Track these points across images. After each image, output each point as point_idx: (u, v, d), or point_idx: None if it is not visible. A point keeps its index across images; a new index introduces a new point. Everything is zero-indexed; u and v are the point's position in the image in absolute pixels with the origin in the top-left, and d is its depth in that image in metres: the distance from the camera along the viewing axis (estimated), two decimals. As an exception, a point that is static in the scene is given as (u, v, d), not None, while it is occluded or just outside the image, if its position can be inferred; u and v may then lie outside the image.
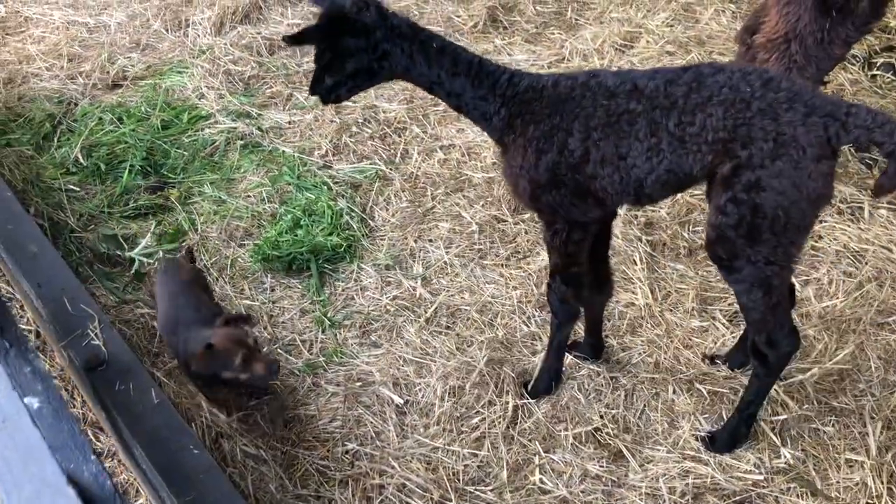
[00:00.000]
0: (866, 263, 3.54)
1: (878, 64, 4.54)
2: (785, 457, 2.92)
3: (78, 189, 4.19)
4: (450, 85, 2.69)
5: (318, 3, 2.66)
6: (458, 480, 2.95)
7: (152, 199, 4.14)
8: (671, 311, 3.45)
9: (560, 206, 2.70)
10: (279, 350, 3.45)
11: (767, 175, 2.39)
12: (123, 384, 2.91)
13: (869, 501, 2.79)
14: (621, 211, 3.58)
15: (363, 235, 3.91)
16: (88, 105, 4.72)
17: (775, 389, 3.08)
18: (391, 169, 4.25)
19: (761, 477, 2.88)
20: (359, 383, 3.31)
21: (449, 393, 3.23)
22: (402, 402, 3.22)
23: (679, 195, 3.90)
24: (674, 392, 3.16)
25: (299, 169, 4.24)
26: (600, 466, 2.96)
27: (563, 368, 3.22)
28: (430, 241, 3.88)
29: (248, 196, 4.17)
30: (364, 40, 2.60)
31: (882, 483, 2.82)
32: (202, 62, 4.96)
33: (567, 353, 3.26)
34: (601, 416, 3.12)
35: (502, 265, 3.74)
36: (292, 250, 3.77)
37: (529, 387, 3.20)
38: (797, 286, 3.23)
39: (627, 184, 2.58)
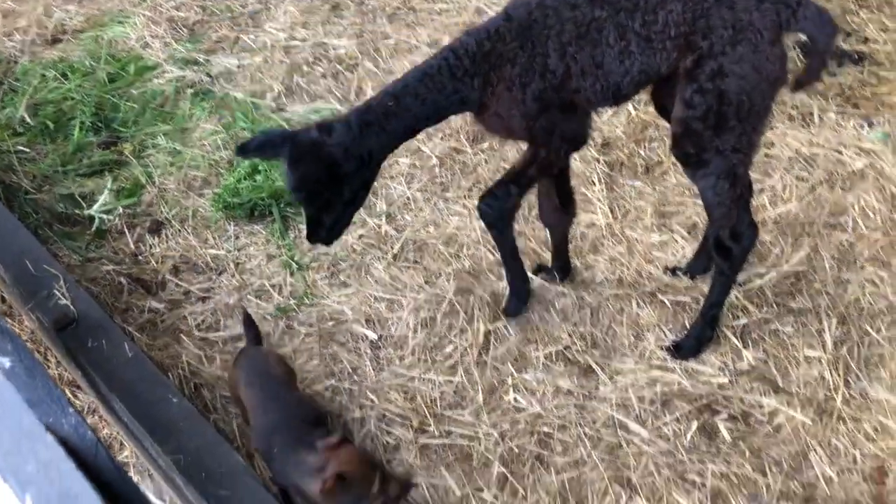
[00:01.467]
0: (817, 167, 3.62)
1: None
2: (747, 359, 3.04)
3: (28, 150, 4.10)
4: (428, 110, 2.67)
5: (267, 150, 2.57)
6: (436, 406, 3.04)
7: (106, 154, 4.07)
8: (631, 227, 3.51)
9: (554, 126, 2.71)
10: (249, 296, 3.47)
11: (729, 61, 2.49)
12: (96, 341, 2.93)
13: (827, 393, 2.93)
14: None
15: (323, 176, 3.89)
16: (29, 63, 4.58)
17: (735, 295, 3.18)
18: (347, 107, 4.20)
19: (726, 380, 3.00)
20: (331, 322, 3.35)
21: (421, 325, 3.29)
22: (375, 336, 3.27)
23: (633, 113, 3.94)
24: (638, 305, 3.25)
25: (253, 114, 4.19)
26: (571, 382, 3.06)
27: (528, 281, 3.25)
28: (392, 177, 3.88)
29: (204, 145, 4.11)
30: (354, 162, 2.54)
31: (839, 375, 2.96)
32: (144, 10, 4.83)
33: (534, 277, 3.32)
34: (570, 335, 3.20)
35: (465, 196, 3.76)
36: (253, 196, 3.75)
37: (502, 310, 3.27)
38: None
39: (607, 90, 2.64)
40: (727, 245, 2.83)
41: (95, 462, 1.44)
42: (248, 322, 3.10)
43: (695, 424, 2.89)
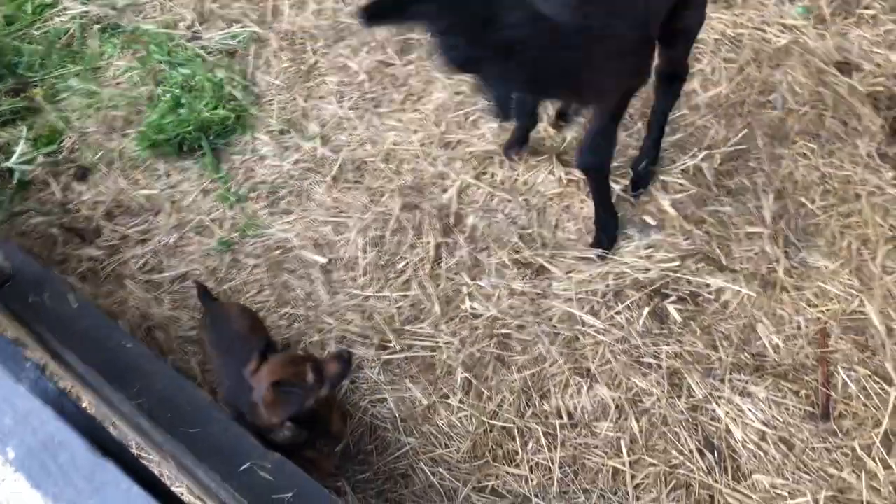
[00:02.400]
0: (744, 47, 3.65)
1: None
2: (691, 239, 3.12)
3: (-72, 106, 3.85)
4: None
5: None
6: (395, 322, 3.05)
7: (16, 102, 3.84)
8: (567, 127, 3.51)
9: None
10: (189, 234, 3.39)
11: None
12: (36, 296, 2.82)
13: (769, 266, 3.04)
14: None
15: (250, 104, 3.77)
16: (-86, 12, 4.25)
17: (678, 181, 3.24)
18: (265, 29, 4.04)
19: (674, 264, 3.08)
20: (278, 251, 3.30)
21: (370, 244, 3.27)
22: (325, 260, 3.24)
23: None
24: (581, 202, 3.28)
25: (167, 45, 3.99)
26: (525, 283, 3.10)
27: (617, 215, 3.17)
28: (321, 97, 3.78)
29: (120, 83, 3.92)
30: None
31: (779, 247, 3.06)
32: (31, -56, 4.49)
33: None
34: (520, 238, 3.23)
35: (398, 110, 3.69)
36: (179, 131, 3.61)
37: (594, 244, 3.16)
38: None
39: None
40: (687, 72, 2.91)
41: (64, 413, 1.41)
42: (200, 289, 3.00)
43: (646, 310, 2.98)
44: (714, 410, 2.77)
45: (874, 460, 2.62)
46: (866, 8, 3.75)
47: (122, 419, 2.82)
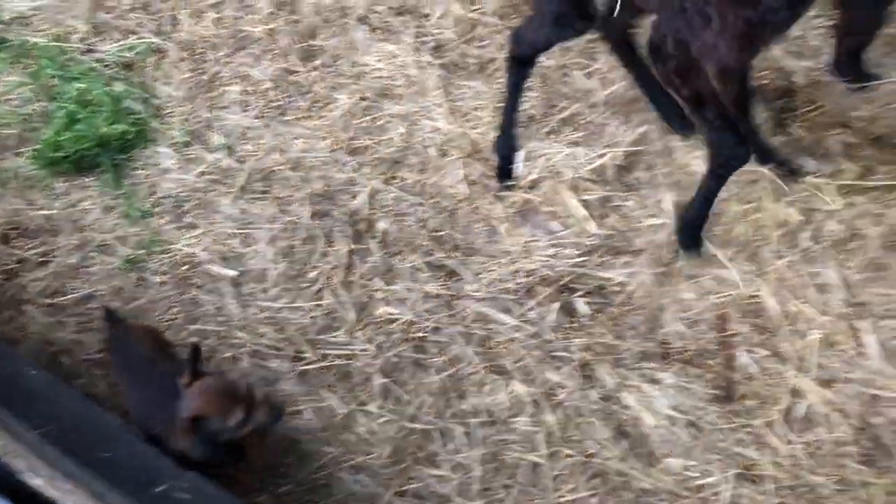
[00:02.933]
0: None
1: None
2: (597, 234, 3.21)
3: None
4: None
5: None
6: (309, 332, 3.04)
7: None
8: (473, 128, 3.56)
9: None
10: (92, 254, 3.28)
11: None
12: (-73, 327, 2.70)
13: (670, 256, 3.15)
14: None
15: (151, 116, 3.68)
16: None
17: (583, 178, 3.33)
18: (164, 39, 3.95)
19: (581, 258, 3.17)
20: (185, 267, 3.24)
21: (280, 254, 3.25)
22: (234, 274, 3.20)
23: (463, 12, 3.93)
24: (489, 203, 3.33)
25: (60, 59, 3.85)
26: (439, 286, 3.13)
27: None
28: (225, 107, 3.72)
29: (10, 99, 3.76)
30: None
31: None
32: None
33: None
34: (431, 240, 3.26)
35: (305, 118, 3.67)
36: (77, 148, 3.49)
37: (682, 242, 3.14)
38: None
39: None
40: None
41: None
42: (106, 312, 2.91)
43: (556, 305, 3.05)
44: (625, 399, 2.86)
45: (776, 436, 2.76)
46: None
47: (28, 450, 2.71)
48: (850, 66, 3.48)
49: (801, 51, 3.62)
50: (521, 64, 3.23)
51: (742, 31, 2.56)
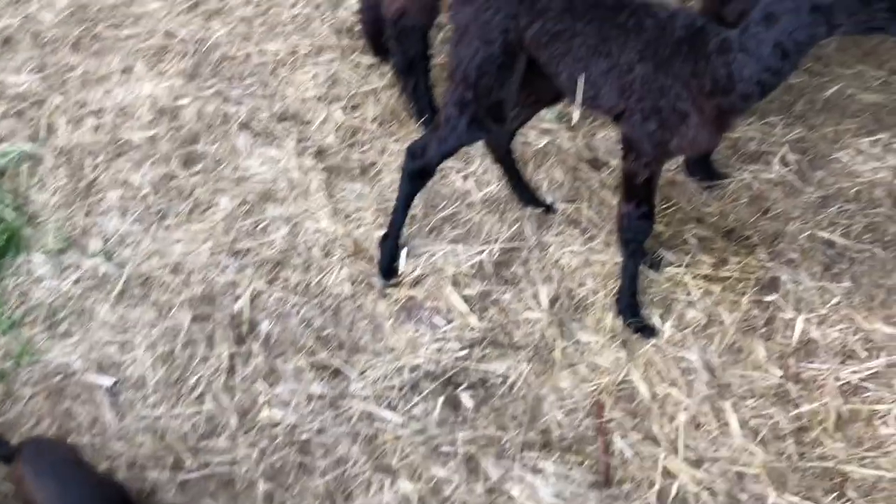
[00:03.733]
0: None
1: None
2: (479, 328, 3.32)
3: None
4: None
5: None
6: (189, 440, 2.96)
7: None
8: (356, 227, 3.66)
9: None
10: (-45, 367, 3.13)
11: None
12: None
13: (547, 347, 3.27)
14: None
15: (23, 224, 3.60)
16: None
17: (463, 274, 3.45)
18: (39, 146, 3.91)
19: (463, 352, 3.25)
20: (58, 377, 3.12)
21: (160, 360, 3.19)
22: (111, 382, 3.11)
23: (345, 118, 4.09)
24: (373, 300, 3.40)
25: (-74, 167, 3.75)
26: (323, 386, 3.14)
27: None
28: (103, 213, 3.69)
29: None
30: None
31: (556, 329, 3.32)
32: None
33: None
34: (316, 340, 3.28)
35: (185, 221, 3.68)
36: (-58, 258, 3.37)
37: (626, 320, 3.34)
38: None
39: None
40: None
41: None
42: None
43: (441, 399, 3.10)
44: (510, 490, 2.90)
45: (652, 518, 2.86)
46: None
47: None
48: (701, 167, 3.83)
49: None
50: (419, 177, 3.35)
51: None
